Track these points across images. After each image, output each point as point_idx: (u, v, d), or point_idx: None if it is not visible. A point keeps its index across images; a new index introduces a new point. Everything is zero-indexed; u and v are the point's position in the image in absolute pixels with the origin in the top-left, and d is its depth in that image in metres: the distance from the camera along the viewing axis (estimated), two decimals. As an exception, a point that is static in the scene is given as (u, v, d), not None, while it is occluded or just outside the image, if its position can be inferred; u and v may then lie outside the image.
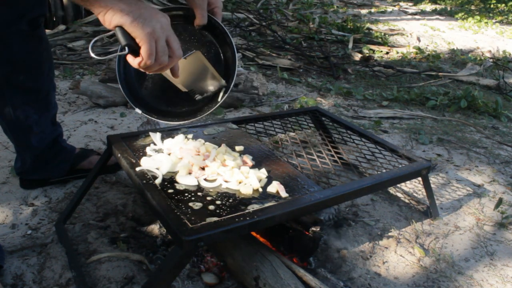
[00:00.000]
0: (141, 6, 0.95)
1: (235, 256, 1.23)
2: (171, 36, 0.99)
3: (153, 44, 0.95)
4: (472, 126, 2.81)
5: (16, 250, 1.35)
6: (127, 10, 0.92)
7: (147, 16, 0.94)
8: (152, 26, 0.94)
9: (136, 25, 0.93)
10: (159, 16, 0.97)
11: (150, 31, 0.94)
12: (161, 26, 0.95)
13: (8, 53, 1.39)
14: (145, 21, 0.93)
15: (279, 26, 5.17)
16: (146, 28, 0.93)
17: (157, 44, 0.96)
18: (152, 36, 0.94)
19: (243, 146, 1.43)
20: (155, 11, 0.97)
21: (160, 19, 0.96)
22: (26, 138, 1.56)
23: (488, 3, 10.16)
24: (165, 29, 0.97)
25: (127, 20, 0.92)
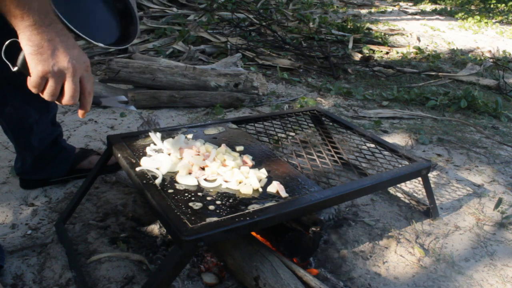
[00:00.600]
0: (54, 42, 0.92)
1: (235, 256, 1.23)
2: (69, 83, 0.96)
3: (39, 82, 0.94)
4: (472, 126, 2.81)
5: (16, 250, 1.35)
6: (32, 41, 0.90)
7: (49, 56, 0.92)
8: (48, 67, 0.92)
9: (31, 59, 0.92)
10: (65, 59, 0.93)
11: (42, 70, 0.92)
12: (59, 69, 0.93)
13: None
14: (43, 59, 0.91)
15: (279, 26, 5.17)
16: (39, 67, 0.92)
17: (47, 83, 0.95)
18: (42, 75, 0.93)
19: (243, 146, 1.43)
20: (67, 52, 0.94)
21: (64, 63, 0.93)
22: (27, 138, 1.56)
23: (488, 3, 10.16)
24: (63, 75, 0.94)
25: (27, 50, 0.91)
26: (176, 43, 4.07)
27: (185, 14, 5.12)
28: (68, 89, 0.97)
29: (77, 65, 0.96)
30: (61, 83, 0.96)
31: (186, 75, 2.75)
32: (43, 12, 0.90)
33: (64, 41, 0.94)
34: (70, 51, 0.95)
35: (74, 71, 0.95)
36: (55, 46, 0.92)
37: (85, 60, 0.99)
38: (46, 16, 0.90)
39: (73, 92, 0.97)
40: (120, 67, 2.59)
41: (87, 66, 0.99)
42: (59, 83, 0.95)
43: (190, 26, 4.45)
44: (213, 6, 5.50)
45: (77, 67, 0.96)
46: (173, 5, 5.39)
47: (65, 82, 0.96)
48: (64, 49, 0.93)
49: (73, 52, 0.95)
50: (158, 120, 1.91)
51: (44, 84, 0.95)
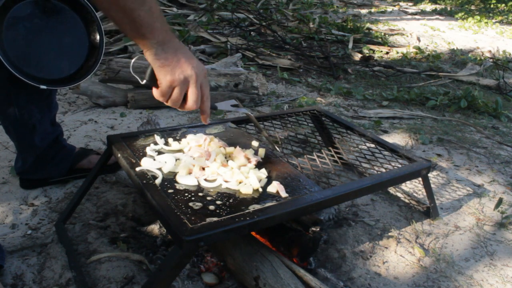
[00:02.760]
0: (177, 54, 1.03)
1: (235, 256, 1.23)
2: (192, 89, 1.07)
3: (168, 90, 1.06)
4: (472, 126, 2.81)
5: (16, 250, 1.35)
6: (160, 55, 1.02)
7: (175, 66, 1.03)
8: (174, 76, 1.04)
9: (160, 70, 1.04)
10: (189, 68, 1.05)
11: (170, 79, 1.04)
12: (184, 77, 1.05)
13: None
14: (170, 70, 1.03)
15: (279, 26, 5.17)
16: (167, 77, 1.04)
17: (173, 91, 1.06)
18: (170, 84, 1.05)
19: (258, 142, 1.45)
20: (189, 62, 1.05)
21: (188, 71, 1.05)
22: (30, 137, 1.57)
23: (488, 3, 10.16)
24: (187, 82, 1.06)
25: (155, 64, 1.03)
26: (176, 43, 4.07)
27: (185, 14, 5.12)
28: (191, 95, 1.08)
29: (198, 73, 1.07)
30: (185, 90, 1.07)
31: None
32: (165, 30, 1.02)
33: (184, 53, 1.05)
34: (191, 61, 1.06)
35: (196, 78, 1.06)
36: (178, 58, 1.04)
37: (203, 68, 1.09)
38: (167, 33, 1.02)
39: (196, 96, 1.08)
40: (120, 67, 2.59)
41: (205, 73, 1.10)
42: (183, 90, 1.07)
43: (190, 26, 4.45)
44: (213, 6, 5.50)
45: (199, 74, 1.07)
46: (173, 5, 5.39)
47: (188, 89, 1.07)
48: (185, 59, 1.05)
49: (193, 62, 1.07)
50: (158, 120, 1.91)
51: (171, 92, 1.07)
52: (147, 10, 0.97)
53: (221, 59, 3.47)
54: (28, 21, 1.36)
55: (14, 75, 1.34)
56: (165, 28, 1.02)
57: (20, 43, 1.36)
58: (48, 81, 1.42)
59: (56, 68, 1.44)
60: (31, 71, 1.37)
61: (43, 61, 1.41)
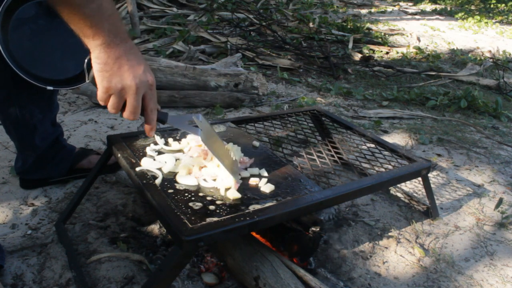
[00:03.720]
0: (120, 60, 0.96)
1: (235, 256, 1.23)
2: (130, 100, 1.00)
3: (103, 96, 1.00)
4: (472, 126, 2.81)
5: (16, 250, 1.35)
6: (100, 59, 0.96)
7: (114, 73, 0.97)
8: (111, 83, 0.97)
9: (98, 75, 0.98)
10: (129, 77, 0.98)
11: (106, 86, 0.98)
12: (122, 86, 0.98)
13: None
14: (108, 76, 0.97)
15: (279, 26, 5.17)
16: (104, 83, 0.98)
17: (110, 97, 1.00)
18: (106, 91, 0.99)
19: (259, 142, 1.44)
20: (131, 70, 0.98)
21: (127, 81, 0.98)
22: (30, 137, 1.57)
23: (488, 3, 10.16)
24: (127, 91, 0.99)
25: (95, 68, 0.97)
26: (176, 43, 4.07)
27: (185, 14, 5.12)
28: (128, 106, 1.02)
29: (140, 83, 0.99)
30: (123, 99, 1.01)
31: (186, 75, 2.75)
32: (113, 32, 0.94)
33: (130, 59, 0.98)
34: (135, 69, 0.99)
35: (136, 89, 0.99)
36: (120, 64, 0.97)
37: (149, 78, 1.02)
38: (115, 36, 0.95)
39: (133, 108, 1.02)
40: (120, 67, 2.59)
41: (150, 84, 1.02)
42: (121, 99, 1.00)
43: (190, 26, 4.45)
44: (213, 6, 5.50)
45: (139, 85, 0.99)
46: (173, 5, 5.39)
47: (126, 99, 1.01)
48: (128, 67, 0.98)
49: (138, 70, 0.99)
50: (158, 120, 1.91)
51: (108, 98, 1.01)
52: (95, 8, 0.90)
53: (221, 59, 3.47)
54: (33, 23, 1.35)
55: (17, 75, 1.34)
56: (115, 30, 0.95)
57: (26, 45, 1.36)
58: (54, 82, 1.42)
59: (61, 69, 1.43)
60: (37, 72, 1.37)
61: (49, 62, 1.40)
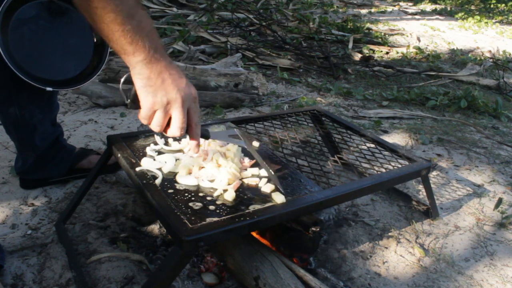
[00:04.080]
0: (162, 75, 0.96)
1: (235, 256, 1.23)
2: (176, 114, 1.00)
3: (148, 113, 0.99)
4: (472, 126, 2.81)
5: (16, 250, 1.35)
6: (142, 75, 0.96)
7: (158, 87, 0.96)
8: (156, 97, 0.97)
9: (142, 92, 0.97)
10: (174, 90, 0.97)
11: (151, 101, 0.97)
12: (167, 100, 0.97)
13: None
14: (152, 91, 0.96)
15: (279, 26, 5.17)
16: (148, 98, 0.97)
17: (155, 113, 0.99)
18: (152, 107, 0.98)
19: (258, 143, 1.44)
20: (174, 84, 0.98)
21: (172, 94, 0.97)
22: (30, 138, 1.57)
23: (488, 3, 10.16)
24: (170, 105, 0.98)
25: (138, 84, 0.97)
26: (176, 43, 4.07)
27: (185, 14, 5.12)
28: (175, 120, 1.00)
29: (185, 96, 0.99)
30: (168, 114, 1.00)
31: (186, 75, 2.75)
32: (153, 48, 0.94)
33: (172, 74, 0.98)
34: (178, 83, 0.98)
35: (182, 102, 0.99)
36: (163, 79, 0.96)
37: (193, 91, 1.02)
38: (155, 51, 0.95)
39: (181, 123, 1.00)
40: (120, 67, 2.59)
41: (194, 97, 1.02)
42: (167, 114, 0.99)
43: (190, 26, 4.45)
44: (213, 6, 5.50)
45: (185, 98, 0.99)
46: (173, 5, 5.39)
47: (172, 113, 1.00)
48: (172, 81, 0.97)
49: (181, 84, 0.99)
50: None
51: (153, 115, 1.00)
52: (135, 24, 0.91)
53: (221, 59, 3.47)
54: (33, 23, 1.35)
55: (17, 75, 1.34)
56: (155, 46, 0.95)
57: (26, 45, 1.35)
58: (54, 83, 1.41)
59: (61, 70, 1.43)
60: (37, 73, 1.37)
61: (49, 63, 1.40)
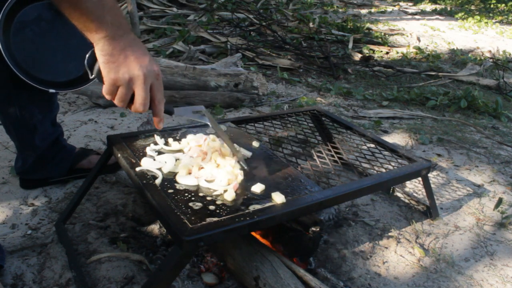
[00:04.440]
0: (125, 51, 0.96)
1: (235, 256, 1.23)
2: (138, 91, 0.99)
3: (111, 89, 0.99)
4: (472, 126, 2.81)
5: (16, 250, 1.35)
6: (105, 51, 0.95)
7: (120, 64, 0.96)
8: (118, 74, 0.97)
9: (104, 68, 0.97)
10: (136, 67, 0.97)
11: (113, 77, 0.97)
12: (129, 77, 0.97)
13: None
14: (115, 67, 0.96)
15: (279, 26, 5.17)
16: (111, 74, 0.97)
17: (118, 89, 0.99)
18: (114, 83, 0.98)
19: (259, 143, 1.44)
20: (137, 60, 0.97)
21: (135, 71, 0.97)
22: (30, 138, 1.57)
23: (488, 3, 10.17)
24: (133, 82, 0.98)
25: (100, 59, 0.97)
26: (176, 43, 4.08)
27: (185, 14, 5.12)
28: (138, 96, 1.00)
29: (147, 73, 0.99)
30: (131, 90, 1.00)
31: (186, 75, 2.75)
32: (116, 24, 0.94)
33: (135, 51, 0.98)
34: (141, 60, 0.98)
35: (144, 79, 0.98)
36: (126, 55, 0.96)
37: (156, 68, 1.01)
38: (118, 28, 0.95)
39: (143, 99, 1.00)
40: (120, 67, 2.59)
41: (157, 74, 1.02)
42: (129, 90, 0.99)
43: (190, 26, 4.45)
44: (213, 6, 5.50)
45: (147, 75, 0.99)
46: (173, 5, 5.39)
47: (135, 90, 0.99)
48: (134, 57, 0.97)
49: (144, 61, 0.99)
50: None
51: (116, 91, 0.99)
52: (96, 1, 0.91)
53: (221, 59, 3.47)
54: (35, 25, 1.35)
55: (16, 75, 1.33)
56: (117, 22, 0.95)
57: (28, 47, 1.35)
58: (56, 84, 1.41)
59: (63, 71, 1.42)
60: (39, 74, 1.37)
61: (51, 64, 1.40)
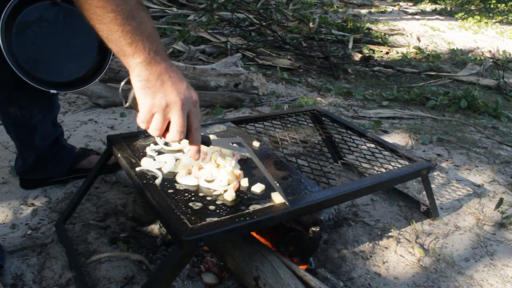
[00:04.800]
0: (161, 77, 0.94)
1: (235, 256, 1.23)
2: (175, 117, 0.96)
3: (147, 116, 0.95)
4: (472, 126, 2.81)
5: (16, 250, 1.35)
6: (141, 76, 0.93)
7: (157, 89, 0.93)
8: (155, 100, 0.94)
9: (140, 94, 0.95)
10: (173, 93, 0.94)
11: (150, 104, 0.94)
12: (166, 103, 0.94)
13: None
14: (151, 93, 0.94)
15: (279, 26, 5.17)
16: (147, 100, 0.94)
17: (153, 117, 0.96)
18: (150, 110, 0.94)
19: (259, 142, 1.44)
20: (174, 86, 0.95)
21: (172, 97, 0.94)
22: (30, 138, 1.57)
23: (488, 3, 10.17)
24: (170, 109, 0.95)
25: (136, 86, 0.94)
26: (176, 43, 4.07)
27: (185, 14, 5.12)
28: (174, 123, 0.96)
29: (185, 100, 0.96)
30: (167, 118, 0.96)
31: (186, 75, 2.75)
32: (153, 50, 0.92)
33: (172, 77, 0.95)
34: (178, 86, 0.95)
35: (181, 105, 0.95)
36: (163, 81, 0.94)
37: (193, 95, 0.99)
38: (156, 53, 0.92)
39: (180, 126, 0.97)
40: (120, 67, 2.59)
41: (194, 101, 0.99)
42: (165, 118, 0.96)
43: (190, 26, 4.45)
44: (213, 6, 5.50)
45: (185, 101, 0.96)
46: (173, 5, 5.39)
47: (171, 117, 0.96)
48: (171, 83, 0.94)
49: (181, 87, 0.96)
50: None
51: (151, 118, 0.96)
52: (135, 26, 0.89)
53: (221, 59, 3.47)
54: (37, 25, 1.35)
55: (17, 75, 1.33)
56: (155, 48, 0.92)
57: (30, 48, 1.35)
58: (57, 85, 1.41)
59: (65, 71, 1.42)
60: (41, 75, 1.37)
61: (53, 65, 1.40)
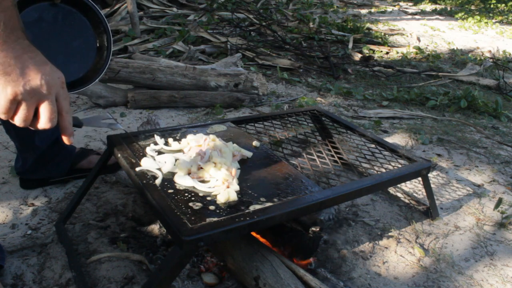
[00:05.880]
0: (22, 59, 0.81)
1: (235, 256, 1.23)
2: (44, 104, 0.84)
3: (10, 106, 0.82)
4: (472, 126, 2.81)
5: (16, 250, 1.35)
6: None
7: (19, 74, 0.80)
8: (18, 87, 0.80)
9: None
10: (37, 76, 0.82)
11: (12, 92, 0.80)
12: (31, 89, 0.81)
13: None
14: (12, 79, 0.80)
15: (279, 26, 5.17)
16: (8, 88, 0.80)
17: (20, 106, 0.83)
18: (14, 98, 0.81)
19: (259, 142, 1.44)
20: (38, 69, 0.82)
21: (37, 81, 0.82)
22: (31, 138, 1.57)
23: (488, 3, 10.17)
24: (37, 93, 0.82)
25: None
26: (176, 43, 4.07)
27: (185, 14, 5.12)
28: (44, 110, 0.85)
29: (52, 82, 0.84)
30: (35, 105, 0.84)
31: (186, 75, 2.75)
32: (10, 27, 0.80)
33: (33, 58, 0.83)
34: (42, 67, 0.83)
35: (49, 89, 0.83)
36: (23, 64, 0.81)
37: (59, 75, 0.87)
38: (12, 31, 0.80)
39: (51, 113, 0.85)
40: (120, 67, 2.59)
41: (62, 82, 0.87)
42: (33, 105, 0.83)
43: (190, 26, 4.45)
44: (213, 6, 5.50)
45: (52, 84, 0.84)
46: (173, 5, 5.39)
47: (39, 103, 0.84)
48: (34, 65, 0.82)
49: (45, 68, 0.84)
50: (158, 120, 1.91)
51: (15, 108, 0.82)
52: None
53: (221, 59, 3.47)
54: (36, 27, 1.34)
55: None
56: (12, 25, 0.80)
57: None
58: None
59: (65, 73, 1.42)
60: None
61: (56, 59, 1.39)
